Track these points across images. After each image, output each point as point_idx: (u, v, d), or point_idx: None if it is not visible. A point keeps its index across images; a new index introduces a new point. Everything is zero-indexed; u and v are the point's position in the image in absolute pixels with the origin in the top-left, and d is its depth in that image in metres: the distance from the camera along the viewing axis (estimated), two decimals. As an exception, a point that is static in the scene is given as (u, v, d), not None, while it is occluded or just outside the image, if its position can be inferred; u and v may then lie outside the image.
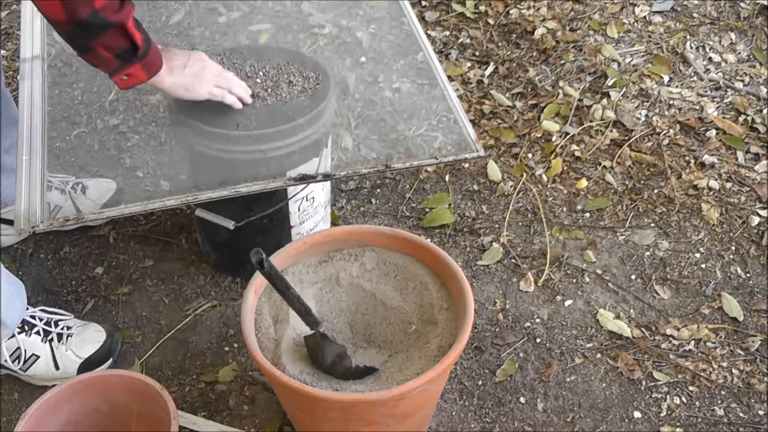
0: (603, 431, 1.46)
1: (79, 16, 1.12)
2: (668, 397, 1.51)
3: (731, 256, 1.77)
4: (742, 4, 2.46)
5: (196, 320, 1.64)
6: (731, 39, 2.35)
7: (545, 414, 1.49)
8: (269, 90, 1.46)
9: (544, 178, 1.96)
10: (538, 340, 1.61)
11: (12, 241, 1.77)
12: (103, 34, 1.16)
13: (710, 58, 2.29)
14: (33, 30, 1.54)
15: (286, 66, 1.52)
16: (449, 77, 2.24)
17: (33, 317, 1.51)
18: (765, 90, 2.16)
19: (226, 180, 1.35)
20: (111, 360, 1.54)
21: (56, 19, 1.14)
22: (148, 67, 1.25)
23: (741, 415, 1.48)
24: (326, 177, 1.42)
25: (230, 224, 1.46)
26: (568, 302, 1.68)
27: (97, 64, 1.22)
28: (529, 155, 2.02)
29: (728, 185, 1.92)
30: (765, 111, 2.10)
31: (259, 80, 1.48)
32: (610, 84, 2.18)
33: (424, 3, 2.53)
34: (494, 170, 1.97)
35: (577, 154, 2.01)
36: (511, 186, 1.94)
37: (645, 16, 2.44)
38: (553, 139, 2.05)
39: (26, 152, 1.33)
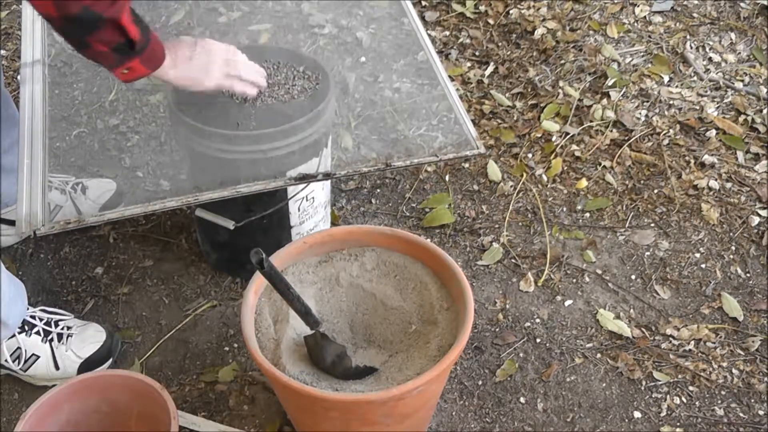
0: (603, 431, 1.46)
1: (70, 12, 1.10)
2: (668, 397, 1.51)
3: (731, 256, 1.77)
4: (742, 4, 2.46)
5: (196, 320, 1.64)
6: (731, 39, 2.35)
7: (545, 414, 1.49)
8: (273, 89, 1.46)
9: (544, 178, 1.96)
10: (538, 340, 1.61)
11: (12, 242, 1.77)
12: (97, 29, 1.14)
13: (710, 58, 2.29)
14: (34, 33, 1.53)
15: (285, 66, 1.52)
16: (449, 77, 2.24)
17: (33, 317, 1.51)
18: (765, 90, 2.16)
19: (227, 180, 1.35)
20: (111, 360, 1.54)
21: (49, 15, 1.13)
22: (148, 61, 1.23)
23: (741, 415, 1.48)
24: (326, 176, 1.42)
25: (230, 224, 1.46)
26: (568, 302, 1.68)
27: (97, 59, 1.21)
28: (529, 155, 2.02)
29: (728, 185, 1.92)
30: (765, 111, 2.10)
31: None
32: (610, 84, 2.18)
33: (424, 3, 2.53)
34: (494, 170, 1.97)
35: (577, 154, 2.01)
36: (511, 186, 1.94)
37: (645, 16, 2.44)
38: (553, 139, 2.05)
39: (27, 155, 1.34)
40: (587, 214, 1.87)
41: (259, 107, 1.43)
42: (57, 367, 1.50)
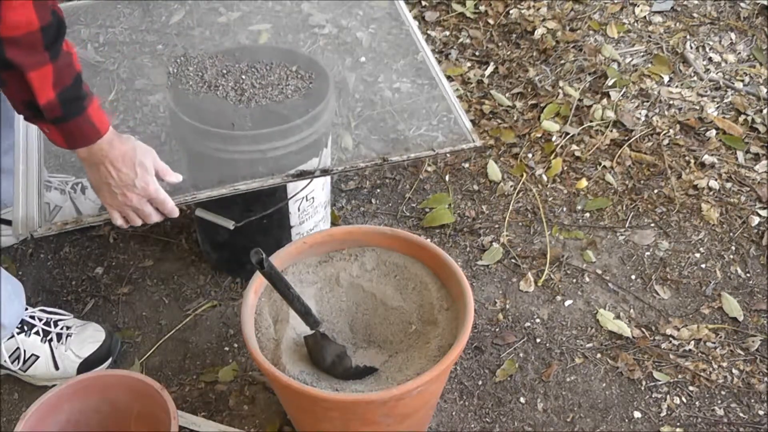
0: (603, 431, 1.46)
1: None
2: (668, 397, 1.51)
3: (731, 256, 1.77)
4: (742, 4, 2.46)
5: (196, 320, 1.64)
6: (731, 39, 2.35)
7: (545, 414, 1.49)
8: (267, 90, 1.46)
9: (544, 178, 1.96)
10: (538, 340, 1.61)
11: (12, 242, 1.77)
12: (2, 69, 1.02)
13: (710, 58, 2.29)
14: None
15: (278, 66, 1.52)
16: (449, 77, 2.24)
17: (32, 317, 1.51)
18: (765, 90, 2.16)
19: (226, 180, 1.35)
20: (111, 360, 1.54)
21: None
22: (68, 136, 1.12)
23: (741, 415, 1.48)
24: (324, 172, 1.42)
25: (230, 224, 1.46)
26: (568, 302, 1.68)
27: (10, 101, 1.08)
28: (529, 155, 2.02)
29: (728, 185, 1.92)
30: (765, 111, 2.10)
31: (256, 81, 1.48)
32: (610, 84, 2.18)
33: (424, 3, 2.53)
34: (494, 170, 1.97)
35: (577, 154, 2.01)
36: (511, 186, 1.94)
37: (645, 16, 2.44)
38: (553, 139, 2.05)
39: (23, 159, 1.33)
40: (587, 214, 1.87)
41: (254, 108, 1.43)
42: (57, 367, 1.50)
